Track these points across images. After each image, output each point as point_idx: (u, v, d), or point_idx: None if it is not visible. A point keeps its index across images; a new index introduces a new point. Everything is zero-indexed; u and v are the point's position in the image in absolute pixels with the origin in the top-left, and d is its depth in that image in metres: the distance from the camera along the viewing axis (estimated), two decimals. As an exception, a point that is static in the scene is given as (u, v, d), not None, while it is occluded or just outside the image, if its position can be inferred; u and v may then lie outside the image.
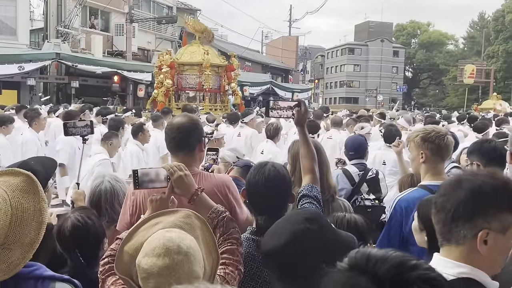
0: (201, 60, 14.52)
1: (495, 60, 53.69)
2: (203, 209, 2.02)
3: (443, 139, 2.61)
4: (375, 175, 4.06)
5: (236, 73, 16.00)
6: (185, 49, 15.57)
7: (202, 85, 14.63)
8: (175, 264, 1.40)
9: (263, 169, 2.15)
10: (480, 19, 65.89)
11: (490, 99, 31.49)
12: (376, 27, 66.40)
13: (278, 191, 2.13)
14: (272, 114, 2.51)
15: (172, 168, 2.06)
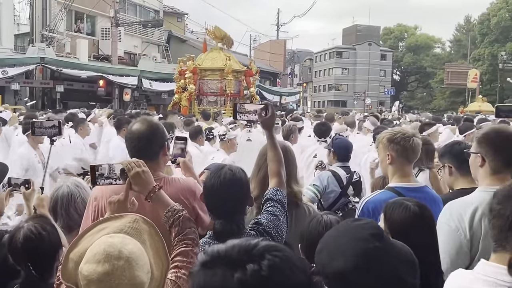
0: (223, 65, 14.93)
1: (481, 63, 54.31)
2: (161, 207, 1.99)
3: (408, 141, 2.59)
4: (358, 178, 4.07)
5: (255, 78, 16.64)
6: (206, 55, 16.08)
7: (224, 90, 15.12)
8: (116, 270, 1.37)
9: (220, 172, 2.12)
10: (466, 22, 66.67)
11: (476, 102, 31.86)
12: (364, 30, 66.90)
13: (234, 194, 2.09)
14: (239, 117, 2.49)
15: (129, 164, 2.01)
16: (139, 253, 1.45)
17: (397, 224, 2.03)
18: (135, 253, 1.43)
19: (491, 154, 2.31)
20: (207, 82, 15.40)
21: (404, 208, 2.03)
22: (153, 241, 1.60)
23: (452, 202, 2.36)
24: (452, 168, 2.94)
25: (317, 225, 2.13)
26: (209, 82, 15.39)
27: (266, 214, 2.24)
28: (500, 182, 2.30)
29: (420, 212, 2.02)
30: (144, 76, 23.97)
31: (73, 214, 2.56)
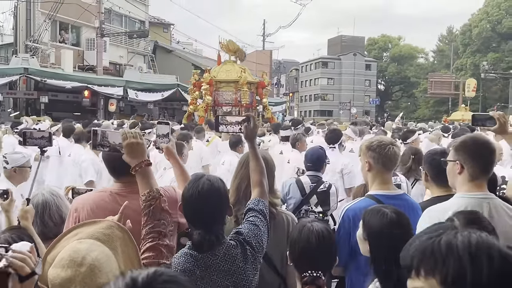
0: (237, 77, 15.60)
1: (464, 72, 55.18)
2: (142, 185, 2.00)
3: (384, 149, 2.63)
4: (326, 188, 4.09)
5: (267, 89, 17.31)
6: (220, 67, 16.62)
7: (239, 101, 15.71)
8: (77, 276, 1.37)
9: (198, 182, 2.12)
10: (448, 33, 67.83)
11: (459, 111, 32.32)
12: (349, 41, 67.61)
13: (213, 205, 2.09)
14: (222, 129, 2.51)
15: (126, 134, 2.04)
16: (104, 260, 1.45)
17: (375, 230, 2.07)
18: (99, 261, 1.44)
19: (470, 161, 2.36)
20: (222, 93, 15.99)
21: (382, 215, 2.06)
22: (126, 248, 1.61)
23: (431, 208, 2.40)
24: (428, 177, 3.03)
25: (309, 233, 2.14)
26: (224, 93, 15.98)
27: (248, 224, 2.25)
28: (478, 188, 2.36)
29: (397, 219, 2.06)
30: (129, 87, 23.88)
31: (47, 222, 2.56)
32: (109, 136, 2.11)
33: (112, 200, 2.30)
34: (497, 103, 42.22)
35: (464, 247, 1.01)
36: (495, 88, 52.33)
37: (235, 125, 2.46)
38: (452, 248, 1.01)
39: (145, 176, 2.02)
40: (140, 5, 31.33)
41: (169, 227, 1.94)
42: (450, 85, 48.91)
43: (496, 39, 53.96)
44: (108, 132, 2.13)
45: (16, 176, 4.17)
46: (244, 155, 2.85)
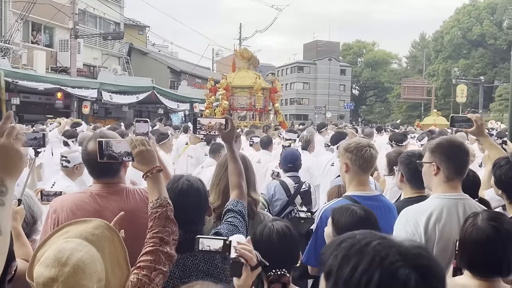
0: (252, 83, 16.73)
1: (436, 78, 56.46)
2: (152, 191, 1.98)
3: (361, 150, 2.68)
4: (308, 188, 4.15)
5: (279, 95, 18.47)
6: (235, 74, 17.84)
7: (253, 106, 16.82)
8: (60, 276, 1.36)
9: (177, 182, 2.12)
10: (421, 39, 69.30)
11: (431, 116, 33.00)
12: (324, 46, 68.37)
13: (192, 204, 2.09)
14: (200, 132, 2.51)
15: (135, 142, 2.03)
16: (88, 262, 1.44)
17: (344, 227, 2.11)
18: (84, 261, 1.42)
19: (446, 162, 2.42)
20: (237, 98, 17.09)
21: (351, 213, 2.12)
22: (114, 249, 1.59)
23: (408, 208, 2.45)
24: (404, 178, 3.10)
25: (270, 233, 2.15)
26: (239, 98, 17.09)
27: (226, 224, 2.26)
28: (453, 189, 2.42)
29: (365, 216, 2.12)
30: (104, 89, 23.54)
31: None
32: (113, 146, 2.08)
33: (92, 201, 2.27)
34: (468, 108, 43.31)
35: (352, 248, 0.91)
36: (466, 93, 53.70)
37: (214, 127, 2.46)
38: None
39: (155, 182, 2.00)
40: (115, 6, 30.98)
41: (173, 235, 1.92)
42: (423, 90, 49.99)
43: (467, 46, 55.39)
44: (112, 142, 2.09)
45: (76, 173, 4.52)
46: (223, 158, 2.86)
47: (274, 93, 17.86)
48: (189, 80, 36.11)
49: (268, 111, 17.88)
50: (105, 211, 2.20)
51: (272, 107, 18.12)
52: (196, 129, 2.51)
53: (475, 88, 49.49)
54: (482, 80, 43.98)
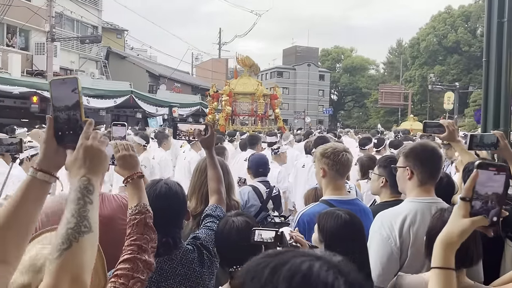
0: (254, 90, 17.56)
1: (412, 84, 57.37)
2: (132, 197, 1.96)
3: (337, 155, 2.72)
4: (278, 192, 4.17)
5: (279, 101, 19.31)
6: (237, 81, 18.57)
7: (255, 111, 17.67)
8: (34, 283, 1.34)
9: (155, 186, 2.12)
10: (398, 46, 70.37)
11: (408, 121, 33.52)
12: (303, 51, 68.88)
13: (170, 208, 2.09)
14: (180, 137, 2.52)
15: (118, 147, 2.03)
16: None
17: (330, 232, 2.13)
18: None
19: (419, 167, 2.47)
20: (240, 104, 17.88)
21: (336, 217, 2.14)
22: None
23: (383, 212, 2.49)
24: (387, 183, 3.14)
25: (230, 229, 2.16)
26: (241, 104, 17.87)
27: (205, 229, 2.28)
28: (426, 193, 2.48)
29: (350, 220, 2.14)
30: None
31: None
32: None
33: None
34: (444, 113, 44.11)
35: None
36: (441, 99, 54.60)
37: (193, 133, 2.48)
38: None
39: (136, 188, 1.98)
40: (92, 10, 30.64)
41: (152, 243, 1.90)
42: (400, 96, 50.81)
43: (442, 52, 56.48)
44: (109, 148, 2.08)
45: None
46: (199, 162, 2.87)
47: (274, 99, 18.58)
48: (168, 84, 35.94)
49: (268, 116, 18.58)
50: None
51: (273, 113, 18.81)
52: (176, 135, 2.51)
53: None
54: (457, 86, 44.80)
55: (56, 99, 1.28)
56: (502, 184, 1.28)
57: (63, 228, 1.16)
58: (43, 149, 1.31)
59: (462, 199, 1.32)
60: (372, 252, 2.34)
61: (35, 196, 1.29)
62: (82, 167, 1.24)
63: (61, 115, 1.28)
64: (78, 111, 1.30)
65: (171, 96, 31.54)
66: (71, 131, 1.28)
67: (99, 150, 1.28)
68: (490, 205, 1.28)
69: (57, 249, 1.12)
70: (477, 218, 1.30)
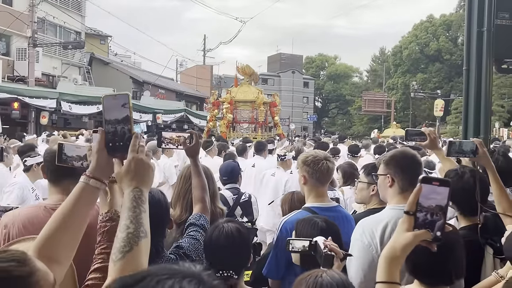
0: (254, 98, 18.16)
1: (395, 91, 58.04)
2: (103, 204, 1.91)
3: (317, 163, 2.74)
4: (248, 198, 4.18)
5: (278, 109, 19.99)
6: (238, 89, 19.24)
7: (255, 119, 18.28)
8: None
9: None
10: (381, 54, 71.19)
11: (391, 128, 33.90)
12: (287, 59, 69.23)
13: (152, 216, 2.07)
14: (164, 145, 2.52)
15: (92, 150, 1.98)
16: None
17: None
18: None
19: (399, 174, 2.49)
20: (240, 111, 18.41)
21: (313, 224, 2.16)
22: None
23: (364, 219, 2.50)
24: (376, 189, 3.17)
25: (219, 234, 2.16)
26: (242, 111, 18.40)
27: (188, 238, 2.26)
28: (406, 200, 2.49)
29: (326, 227, 2.16)
30: (63, 99, 22.94)
31: None
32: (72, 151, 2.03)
33: (46, 215, 2.20)
34: (426, 121, 44.69)
35: None
36: (423, 106, 55.42)
37: (178, 141, 2.47)
38: None
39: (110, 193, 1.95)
40: (76, 15, 30.38)
41: None
42: (383, 103, 51.31)
43: (424, 60, 57.31)
44: (72, 147, 2.05)
45: None
46: (183, 169, 2.85)
47: (273, 107, 19.19)
48: (152, 90, 35.74)
49: (267, 123, 19.23)
50: None
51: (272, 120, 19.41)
52: (160, 143, 2.51)
53: (432, 101, 51.14)
54: (439, 94, 45.52)
55: (107, 113, 1.39)
56: (445, 197, 1.28)
57: (123, 232, 1.28)
58: (96, 159, 1.42)
59: (406, 212, 1.32)
60: (353, 259, 2.35)
61: (88, 201, 1.42)
62: (134, 178, 1.36)
63: (112, 128, 1.39)
64: (128, 124, 1.39)
65: (155, 103, 31.37)
66: (120, 143, 1.39)
67: (148, 163, 1.39)
68: (435, 218, 1.28)
69: (120, 251, 1.25)
70: (419, 232, 1.29)
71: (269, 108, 19.01)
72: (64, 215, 1.38)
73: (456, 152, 2.81)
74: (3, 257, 1.00)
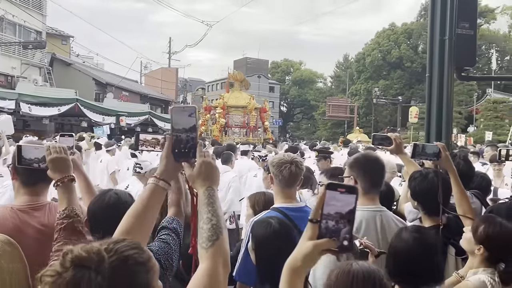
0: (245, 103, 19.28)
1: (358, 97, 59.21)
2: (61, 201, 1.93)
3: (280, 166, 2.79)
4: None
5: (268, 114, 21.27)
6: (229, 94, 20.25)
7: (247, 123, 19.28)
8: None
9: (104, 196, 2.08)
10: (344, 60, 72.49)
11: (354, 133, 34.54)
12: (253, 63, 69.52)
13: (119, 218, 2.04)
14: (141, 148, 2.50)
15: (50, 149, 2.01)
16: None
17: (259, 240, 2.18)
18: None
19: (362, 176, 2.59)
20: (232, 116, 19.43)
21: (266, 226, 2.20)
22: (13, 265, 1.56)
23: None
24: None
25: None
26: (234, 116, 19.40)
27: (158, 242, 2.22)
28: (371, 201, 2.57)
29: (279, 229, 2.20)
30: (22, 100, 22.21)
31: None
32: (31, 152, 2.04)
33: (13, 217, 2.16)
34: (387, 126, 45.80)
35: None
36: (385, 112, 56.77)
37: (155, 143, 2.46)
38: None
39: (66, 192, 1.96)
40: (36, 14, 29.53)
41: None
42: (346, 108, 52.30)
43: (386, 67, 58.72)
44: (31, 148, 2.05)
45: (145, 179, 5.21)
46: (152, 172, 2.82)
47: (264, 112, 20.24)
48: (115, 92, 35.13)
49: (257, 128, 20.16)
50: (26, 226, 2.12)
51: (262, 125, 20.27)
52: (137, 145, 2.51)
53: (393, 107, 52.48)
54: (400, 100, 46.76)
55: (175, 122, 1.54)
56: (352, 204, 1.18)
57: (208, 224, 1.44)
58: (165, 163, 1.57)
59: (310, 220, 1.23)
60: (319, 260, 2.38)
61: (158, 201, 1.59)
62: (207, 179, 1.53)
63: (179, 136, 1.54)
64: (194, 133, 1.55)
65: (119, 105, 30.83)
66: (186, 150, 1.55)
67: (215, 166, 1.58)
68: (340, 226, 1.18)
69: (209, 240, 1.41)
70: (320, 241, 1.20)
71: (259, 113, 19.94)
72: (139, 212, 1.55)
73: (420, 154, 2.91)
74: (126, 245, 1.11)
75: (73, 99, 24.75)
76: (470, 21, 4.73)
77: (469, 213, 2.74)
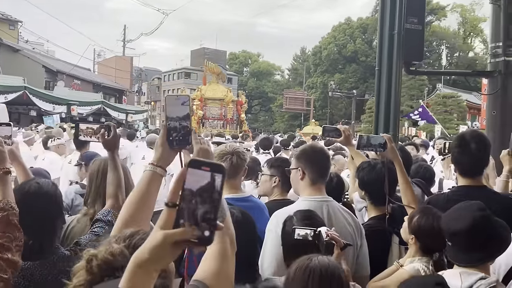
0: (223, 96, 19.93)
1: (314, 90, 60.02)
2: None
3: (221, 158, 2.80)
4: None
5: (244, 106, 21.98)
6: (207, 87, 20.91)
7: (224, 116, 19.93)
8: None
9: (25, 184, 2.05)
10: (302, 53, 73.22)
11: (310, 125, 35.00)
12: (211, 54, 68.92)
13: (38, 209, 2.00)
14: (82, 138, 2.43)
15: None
16: None
17: None
18: None
19: (309, 167, 2.61)
20: (209, 108, 20.16)
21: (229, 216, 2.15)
22: None
23: (278, 211, 2.56)
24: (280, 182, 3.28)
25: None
26: (211, 108, 20.09)
27: (90, 234, 2.18)
28: (318, 192, 2.60)
29: (242, 219, 2.19)
30: (-35, 87, 21.17)
31: None
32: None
33: None
34: (342, 119, 46.72)
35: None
36: (340, 105, 57.84)
37: (96, 133, 2.39)
38: None
39: (1, 185, 1.88)
40: (-19, -4, 28.07)
41: (16, 241, 1.80)
42: (303, 101, 52.87)
43: (342, 61, 59.75)
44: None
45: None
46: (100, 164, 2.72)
47: (240, 105, 20.87)
48: (66, 81, 33.97)
49: (233, 120, 20.82)
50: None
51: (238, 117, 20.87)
52: (77, 135, 2.46)
53: (348, 100, 53.51)
54: (354, 94, 47.69)
55: (169, 111, 1.57)
56: (218, 186, 0.95)
57: None
58: (161, 151, 1.60)
59: (166, 204, 0.97)
60: (267, 250, 2.39)
61: (156, 187, 1.61)
62: None
63: (173, 124, 1.57)
64: (187, 121, 1.58)
65: (70, 94, 29.88)
66: (180, 137, 1.58)
67: (211, 152, 1.69)
68: (203, 213, 0.94)
69: None
70: (173, 231, 0.94)
71: (235, 106, 20.56)
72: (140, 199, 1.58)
73: (364, 146, 2.97)
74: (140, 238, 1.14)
75: (21, 87, 23.78)
76: (419, 16, 4.86)
77: (413, 203, 2.82)
